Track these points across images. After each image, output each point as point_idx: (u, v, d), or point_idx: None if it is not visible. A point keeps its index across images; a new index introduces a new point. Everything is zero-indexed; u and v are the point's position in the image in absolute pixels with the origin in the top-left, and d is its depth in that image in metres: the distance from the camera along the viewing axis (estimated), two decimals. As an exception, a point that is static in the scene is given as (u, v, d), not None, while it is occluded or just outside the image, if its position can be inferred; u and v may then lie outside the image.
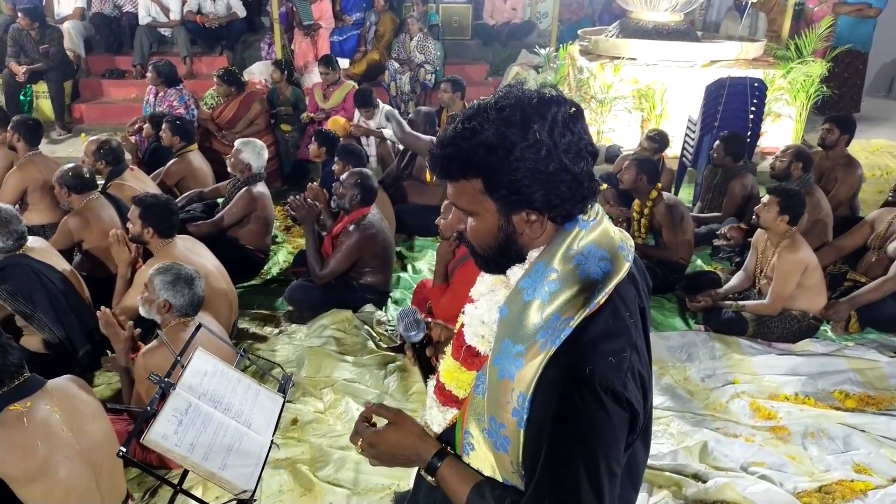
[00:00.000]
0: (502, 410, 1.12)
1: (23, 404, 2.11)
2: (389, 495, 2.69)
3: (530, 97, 1.09)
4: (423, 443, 1.26)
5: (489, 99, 1.11)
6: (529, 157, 1.06)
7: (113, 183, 4.46)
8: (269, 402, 1.77)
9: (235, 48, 8.57)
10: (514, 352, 1.10)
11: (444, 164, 1.13)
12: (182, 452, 1.43)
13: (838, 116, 5.04)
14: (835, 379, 3.47)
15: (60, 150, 6.86)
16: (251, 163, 4.42)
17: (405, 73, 7.92)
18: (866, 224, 4.25)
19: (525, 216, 1.12)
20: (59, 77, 7.33)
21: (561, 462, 1.06)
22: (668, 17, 7.07)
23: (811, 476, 2.84)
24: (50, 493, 2.11)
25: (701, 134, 5.60)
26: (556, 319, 1.07)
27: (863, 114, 8.10)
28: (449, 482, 1.23)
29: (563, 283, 1.09)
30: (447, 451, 1.26)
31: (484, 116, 1.08)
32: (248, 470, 1.53)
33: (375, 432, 1.27)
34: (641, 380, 1.11)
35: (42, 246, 3.40)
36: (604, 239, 1.13)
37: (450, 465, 1.24)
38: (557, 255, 1.11)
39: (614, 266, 1.11)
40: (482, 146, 1.07)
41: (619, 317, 1.10)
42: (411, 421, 1.29)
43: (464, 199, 1.15)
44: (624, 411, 1.07)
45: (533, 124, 1.06)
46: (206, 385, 1.62)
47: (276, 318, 4.04)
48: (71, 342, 3.31)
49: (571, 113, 1.09)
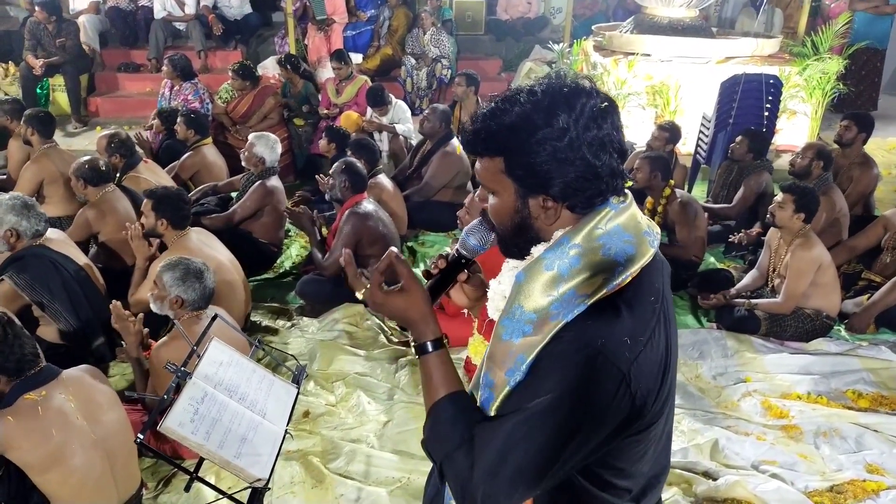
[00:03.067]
0: (498, 368, 1.12)
1: (38, 393, 2.15)
2: (401, 487, 2.71)
3: (563, 86, 1.10)
4: (425, 322, 1.23)
5: (529, 84, 1.13)
6: (550, 143, 1.08)
7: (128, 175, 4.51)
8: (284, 392, 1.79)
9: (250, 43, 8.60)
10: (524, 318, 1.10)
11: (472, 139, 1.16)
12: (198, 440, 1.45)
13: (857, 114, 4.99)
14: (848, 378, 3.45)
15: (76, 143, 6.92)
16: (265, 156, 4.45)
17: (422, 68, 7.92)
18: (880, 224, 4.22)
19: (541, 201, 1.13)
20: (75, 70, 7.39)
21: (539, 416, 1.05)
22: (683, 12, 7.02)
23: (823, 475, 2.83)
24: (66, 480, 2.15)
25: (715, 131, 5.57)
26: (572, 294, 1.08)
27: (879, 111, 8.01)
28: (431, 372, 1.21)
29: (584, 260, 1.09)
30: (443, 343, 1.24)
31: (516, 99, 1.11)
32: (263, 459, 1.55)
33: (385, 293, 1.24)
34: (655, 367, 1.10)
35: (60, 237, 3.44)
36: (631, 223, 1.13)
37: (440, 356, 1.22)
38: (583, 231, 1.11)
39: (638, 250, 1.11)
40: (506, 126, 1.10)
41: (641, 301, 1.10)
42: (421, 293, 1.24)
43: (486, 176, 1.17)
44: (621, 393, 1.05)
45: (560, 112, 1.08)
46: (222, 375, 1.64)
47: (289, 312, 4.06)
48: (86, 333, 3.35)
49: (602, 107, 1.10)
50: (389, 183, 4.76)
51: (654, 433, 1.17)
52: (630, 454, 1.16)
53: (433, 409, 1.20)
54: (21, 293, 3.19)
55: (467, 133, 1.17)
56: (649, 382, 1.09)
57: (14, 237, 3.17)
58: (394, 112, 6.16)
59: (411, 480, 2.75)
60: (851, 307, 3.99)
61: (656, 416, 1.14)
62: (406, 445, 2.96)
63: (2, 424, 2.07)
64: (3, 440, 2.07)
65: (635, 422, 1.10)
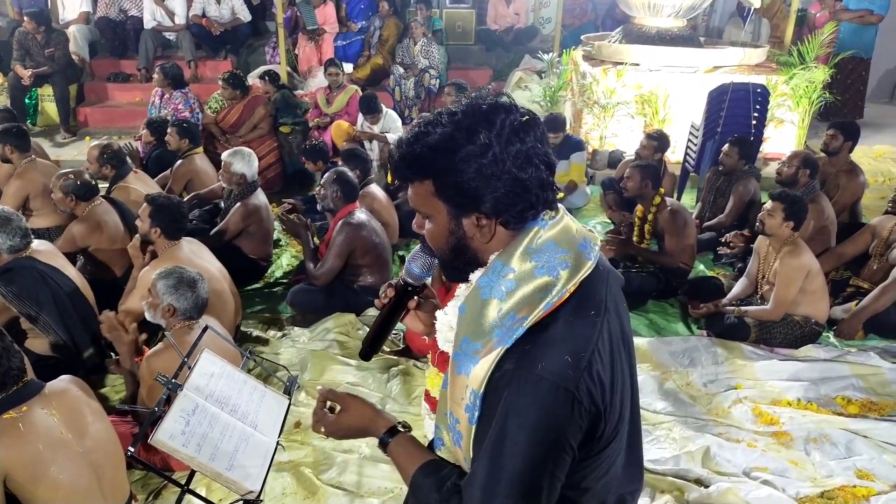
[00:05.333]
0: (457, 406, 1.13)
1: (17, 410, 2.11)
2: (392, 498, 2.70)
3: (482, 104, 1.11)
4: (374, 423, 1.33)
5: (449, 105, 1.14)
6: (475, 159, 1.08)
7: (117, 186, 4.49)
8: (275, 403, 1.79)
9: (240, 52, 8.61)
10: (471, 349, 1.10)
11: (399, 164, 1.16)
12: (189, 453, 1.44)
13: (843, 122, 5.04)
14: (837, 384, 3.47)
15: (65, 154, 6.89)
16: (244, 172, 4.29)
17: (410, 78, 7.95)
18: (867, 231, 4.26)
19: (475, 220, 1.13)
20: (64, 81, 7.37)
21: (502, 459, 1.05)
22: (672, 22, 7.09)
23: (814, 481, 2.84)
24: (53, 495, 2.11)
25: (703, 139, 5.62)
26: (512, 318, 1.07)
27: (865, 120, 8.10)
28: (398, 458, 1.29)
29: (519, 282, 1.09)
30: (398, 430, 1.31)
31: (438, 121, 1.11)
32: (255, 471, 1.54)
33: (331, 421, 1.35)
34: (602, 383, 1.08)
35: (48, 249, 3.42)
36: (564, 237, 1.13)
37: (398, 443, 1.30)
38: (516, 253, 1.11)
39: (574, 264, 1.10)
40: (429, 148, 1.11)
41: (581, 316, 1.09)
42: (361, 403, 1.36)
43: (418, 201, 1.18)
44: (574, 412, 1.05)
45: (480, 129, 1.08)
46: (213, 386, 1.63)
47: (280, 322, 4.05)
48: (76, 344, 3.32)
49: (523, 121, 1.10)
50: (381, 192, 4.76)
51: (611, 450, 1.16)
52: (592, 473, 1.15)
53: (410, 485, 1.26)
54: (9, 305, 3.16)
55: (394, 160, 1.17)
56: (598, 400, 1.08)
57: None
58: (385, 121, 6.18)
59: (403, 490, 2.72)
60: (840, 313, 4.02)
61: (611, 435, 1.13)
62: (398, 455, 2.95)
63: None
64: None
65: (591, 441, 1.10)
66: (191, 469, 1.55)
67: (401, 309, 1.34)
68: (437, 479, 1.20)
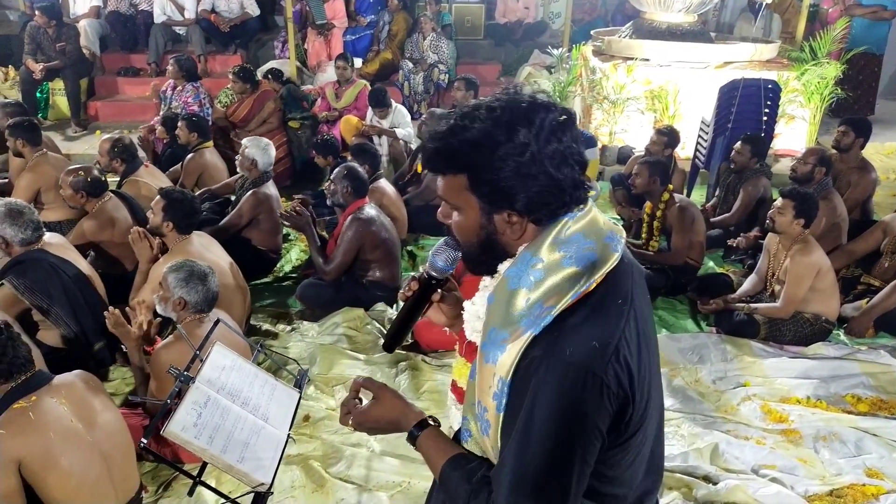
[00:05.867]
0: (485, 395, 1.14)
1: (27, 400, 2.14)
2: (401, 492, 2.71)
3: (521, 101, 1.11)
4: (404, 415, 1.32)
5: (486, 99, 1.13)
6: (513, 158, 1.08)
7: (128, 180, 4.51)
8: (286, 396, 1.80)
9: (249, 47, 8.62)
10: (499, 338, 1.11)
11: (432, 157, 1.17)
12: (201, 444, 1.45)
13: (854, 119, 5.01)
14: (847, 383, 3.45)
15: (76, 147, 6.93)
16: (256, 158, 4.36)
17: (419, 72, 7.94)
18: (878, 228, 4.24)
19: (506, 217, 1.14)
20: (75, 75, 7.40)
21: (533, 445, 1.07)
22: (682, 17, 7.05)
23: (822, 479, 2.83)
24: (63, 484, 2.14)
25: (714, 135, 5.59)
26: (539, 307, 1.08)
27: (877, 116, 8.05)
28: (427, 451, 1.29)
29: (547, 272, 1.09)
30: (428, 423, 1.31)
31: (475, 115, 1.11)
32: (266, 463, 1.55)
33: (361, 411, 1.33)
34: (629, 370, 1.09)
35: (59, 241, 3.45)
36: (591, 228, 1.14)
37: (428, 436, 1.29)
38: (544, 244, 1.11)
39: (601, 256, 1.11)
40: (468, 143, 1.10)
41: (608, 305, 1.10)
42: (393, 394, 1.35)
43: (450, 194, 1.17)
44: (603, 398, 1.06)
45: (520, 127, 1.08)
46: (225, 379, 1.64)
47: (289, 316, 4.06)
48: (86, 337, 3.35)
49: (561, 120, 1.10)
50: (390, 187, 4.77)
51: (639, 439, 1.17)
52: (617, 466, 1.16)
53: (440, 478, 1.26)
54: (21, 297, 3.19)
55: (428, 151, 1.17)
56: (626, 385, 1.09)
57: (4, 244, 3.17)
58: (394, 116, 6.18)
59: (412, 485, 2.75)
60: (850, 311, 4.00)
61: (638, 422, 1.14)
62: (406, 450, 2.94)
63: None
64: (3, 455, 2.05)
65: (619, 428, 1.11)
66: (202, 461, 1.56)
67: (424, 302, 1.34)
68: (466, 471, 1.21)
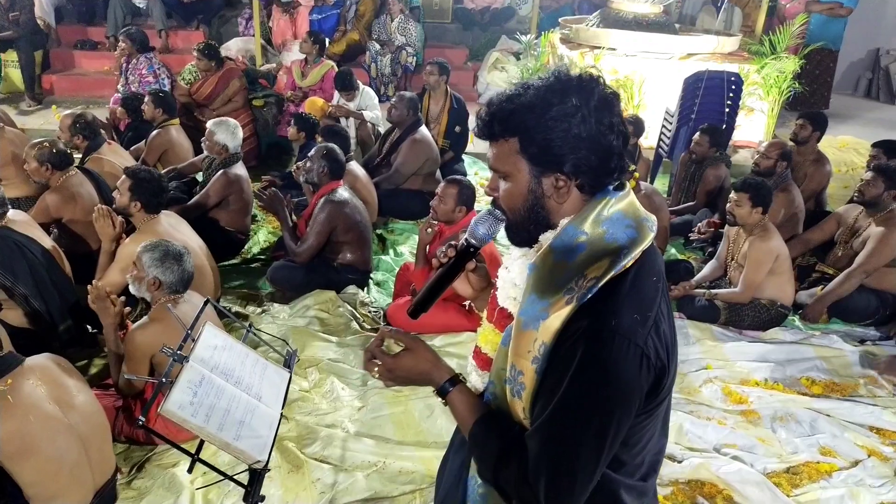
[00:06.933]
0: (522, 359, 1.18)
1: (3, 383, 2.09)
2: (377, 471, 2.74)
3: (573, 75, 1.19)
4: (437, 368, 1.33)
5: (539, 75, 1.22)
6: (565, 119, 1.15)
7: (91, 157, 4.39)
8: (277, 376, 1.81)
9: (212, 23, 8.44)
10: (539, 306, 1.16)
11: (488, 122, 1.22)
12: (198, 423, 1.46)
13: (812, 113, 5.18)
14: (802, 366, 3.61)
15: (31, 122, 6.70)
16: (227, 143, 4.31)
17: (386, 54, 7.89)
18: (833, 219, 4.41)
19: (554, 180, 1.19)
20: (29, 46, 7.15)
21: (573, 407, 1.12)
22: (648, 8, 7.16)
23: (780, 458, 2.97)
24: (42, 468, 2.11)
25: (678, 125, 5.72)
26: (582, 278, 1.13)
27: (831, 110, 8.31)
28: (458, 407, 1.31)
29: (590, 245, 1.15)
30: (459, 379, 1.33)
31: (529, 84, 1.20)
32: (261, 441, 1.57)
33: (393, 358, 1.32)
34: (665, 342, 1.16)
35: (24, 219, 3.36)
36: (630, 209, 1.20)
37: (461, 391, 1.32)
38: (588, 219, 1.17)
39: (639, 234, 1.17)
40: (522, 106, 1.18)
41: (644, 280, 1.17)
42: (426, 347, 1.35)
43: (501, 160, 1.23)
44: (643, 368, 1.12)
45: (573, 93, 1.15)
46: (217, 359, 1.64)
47: (259, 298, 4.04)
48: (51, 317, 3.28)
49: (610, 94, 1.18)
50: (361, 171, 4.75)
51: (661, 409, 1.24)
52: (641, 431, 1.22)
53: (470, 436, 1.28)
54: (-17, 275, 3.10)
55: (483, 118, 1.23)
56: (663, 356, 1.15)
57: None
58: (361, 98, 6.12)
59: (387, 465, 2.79)
60: (805, 298, 4.17)
61: (666, 391, 1.21)
62: (381, 430, 2.99)
63: None
64: None
65: (653, 396, 1.17)
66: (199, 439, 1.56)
67: (459, 269, 1.36)
68: (500, 430, 1.24)
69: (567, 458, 1.13)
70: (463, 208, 3.51)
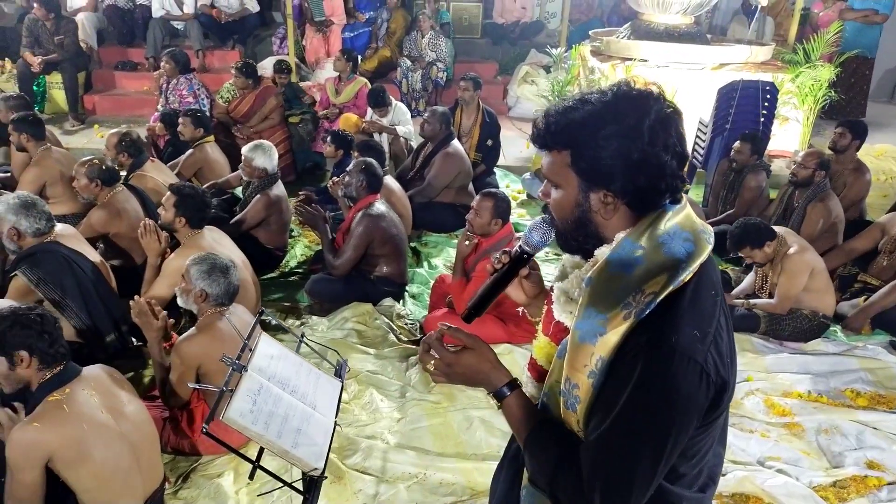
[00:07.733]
0: (578, 372, 1.18)
1: (61, 392, 2.17)
2: (418, 483, 2.76)
3: (632, 91, 1.18)
4: (497, 370, 1.32)
5: (601, 88, 1.21)
6: (616, 139, 1.14)
7: (134, 174, 4.51)
8: (329, 385, 1.84)
9: (247, 42, 8.62)
10: (597, 319, 1.15)
11: (542, 132, 1.23)
12: (258, 430, 1.49)
13: (852, 121, 5.12)
14: (846, 378, 3.54)
15: (74, 141, 6.90)
16: (266, 166, 4.39)
17: (417, 70, 7.98)
18: (876, 228, 4.33)
19: (602, 196, 1.19)
20: (73, 68, 7.37)
21: (631, 422, 1.12)
22: (679, 19, 7.13)
23: (825, 471, 2.91)
24: (97, 474, 2.17)
25: (712, 135, 5.68)
26: (640, 293, 1.12)
27: (867, 118, 8.17)
28: (514, 412, 1.30)
29: (648, 260, 1.14)
30: (517, 384, 1.32)
31: (587, 99, 1.19)
32: (317, 449, 1.60)
33: (455, 354, 1.31)
34: (724, 357, 1.15)
35: (72, 233, 3.45)
36: (687, 222, 1.19)
37: (518, 396, 1.31)
38: (645, 233, 1.17)
39: (697, 247, 1.16)
40: (576, 122, 1.17)
41: (703, 295, 1.16)
42: (488, 347, 1.35)
43: (553, 170, 1.23)
44: (702, 384, 1.11)
45: (628, 112, 1.15)
46: (274, 368, 1.68)
47: (298, 310, 4.10)
48: (98, 329, 3.36)
49: (668, 112, 1.17)
50: (396, 184, 4.81)
51: (720, 421, 1.23)
52: (700, 444, 1.22)
53: (526, 444, 1.28)
54: (34, 289, 3.19)
55: (538, 128, 1.24)
56: (723, 372, 1.14)
57: (17, 236, 3.18)
58: (394, 114, 6.21)
59: (427, 476, 2.80)
60: (848, 309, 4.10)
61: (725, 405, 1.20)
62: (420, 442, 3.01)
63: (31, 433, 2.07)
64: (36, 449, 2.07)
65: (712, 412, 1.16)
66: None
67: (512, 275, 1.37)
68: (558, 437, 1.24)
69: (623, 472, 1.13)
70: (499, 221, 3.52)
